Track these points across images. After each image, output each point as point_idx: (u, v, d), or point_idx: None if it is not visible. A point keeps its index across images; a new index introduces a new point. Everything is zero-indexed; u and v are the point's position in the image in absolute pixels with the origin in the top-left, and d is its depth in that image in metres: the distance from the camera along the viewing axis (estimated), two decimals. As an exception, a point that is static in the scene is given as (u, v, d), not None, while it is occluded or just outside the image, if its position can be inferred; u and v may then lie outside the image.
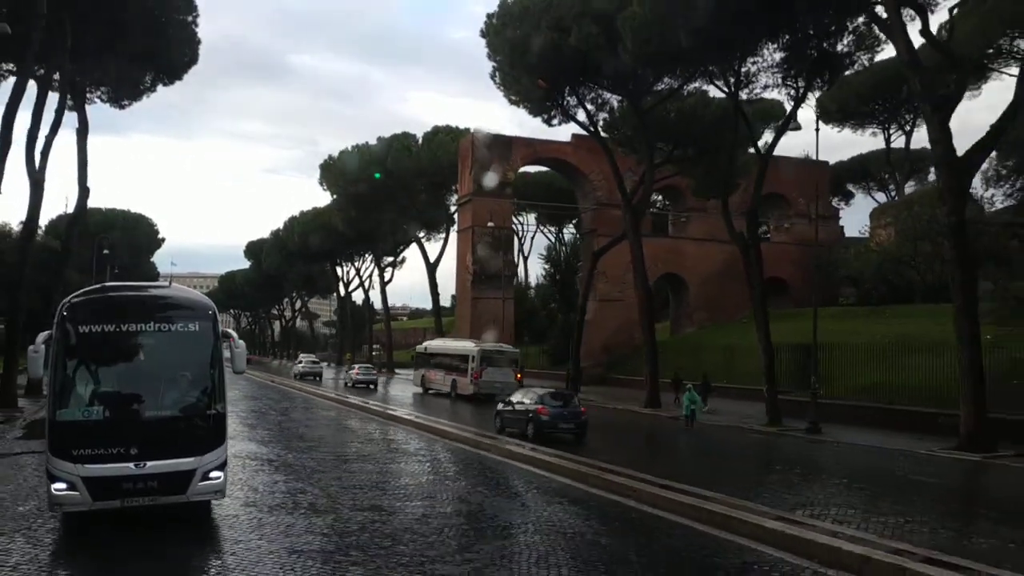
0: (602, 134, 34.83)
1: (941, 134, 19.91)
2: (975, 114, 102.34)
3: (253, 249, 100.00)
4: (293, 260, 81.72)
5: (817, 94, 31.42)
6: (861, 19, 25.51)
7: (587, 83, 32.15)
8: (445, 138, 51.79)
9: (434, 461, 17.61)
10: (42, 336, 9.97)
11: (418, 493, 13.12)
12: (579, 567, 8.88)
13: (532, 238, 72.13)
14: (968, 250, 20.41)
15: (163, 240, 77.49)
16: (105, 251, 55.97)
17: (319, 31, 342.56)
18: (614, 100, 34.34)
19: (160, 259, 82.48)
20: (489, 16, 31.17)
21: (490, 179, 47.13)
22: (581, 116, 33.70)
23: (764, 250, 59.22)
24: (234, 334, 11.24)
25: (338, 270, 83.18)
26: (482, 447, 19.19)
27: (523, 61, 29.48)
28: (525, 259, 73.92)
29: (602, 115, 34.99)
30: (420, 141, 53.48)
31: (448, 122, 71.15)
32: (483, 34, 31.78)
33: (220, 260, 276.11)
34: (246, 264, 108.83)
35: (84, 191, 32.26)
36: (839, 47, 27.16)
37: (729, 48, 25.87)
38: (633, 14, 25.42)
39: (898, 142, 65.74)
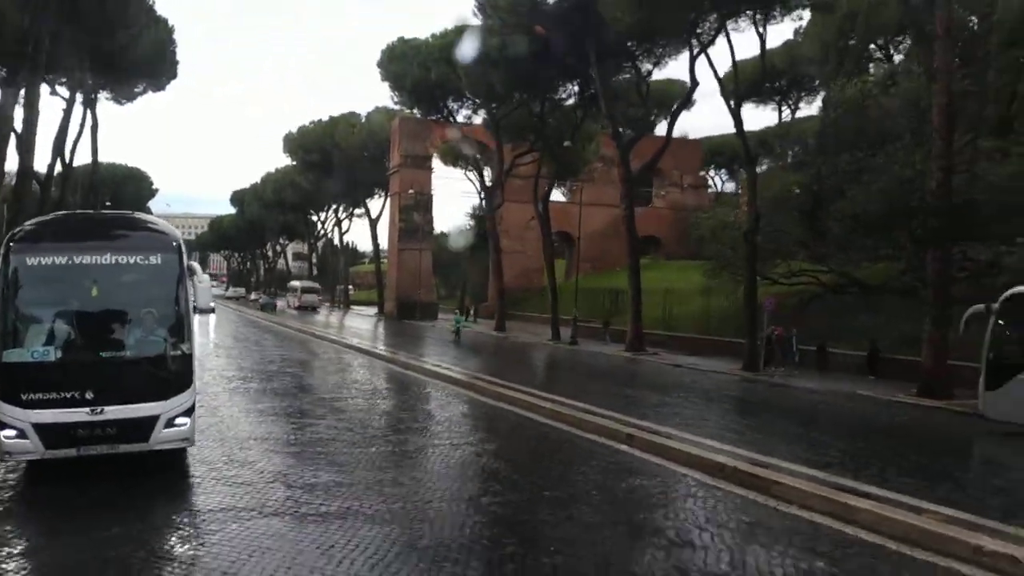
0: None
1: (624, 161, 32.95)
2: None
3: (237, 197, 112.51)
4: (270, 210, 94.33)
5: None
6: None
7: (456, 99, 44.90)
8: (381, 118, 64.17)
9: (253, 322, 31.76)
10: None
11: (248, 336, 26.81)
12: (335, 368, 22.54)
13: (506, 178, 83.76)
14: (633, 228, 33.57)
15: (156, 191, 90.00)
16: (107, 203, 68.87)
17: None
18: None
19: (155, 204, 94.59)
20: (382, 52, 43.92)
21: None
22: (453, 120, 46.65)
23: (644, 213, 73.15)
24: (198, 267, 10.71)
25: (313, 218, 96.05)
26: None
27: (402, 87, 42.43)
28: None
29: (477, 118, 47.85)
30: (363, 120, 66.22)
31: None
32: (378, 65, 44.52)
33: (215, 203, 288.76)
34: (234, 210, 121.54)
35: (96, 167, 45.48)
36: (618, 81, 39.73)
37: (530, 88, 38.40)
38: (465, 65, 38.04)
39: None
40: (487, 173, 54.63)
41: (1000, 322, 16.16)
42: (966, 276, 24.90)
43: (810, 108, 75.37)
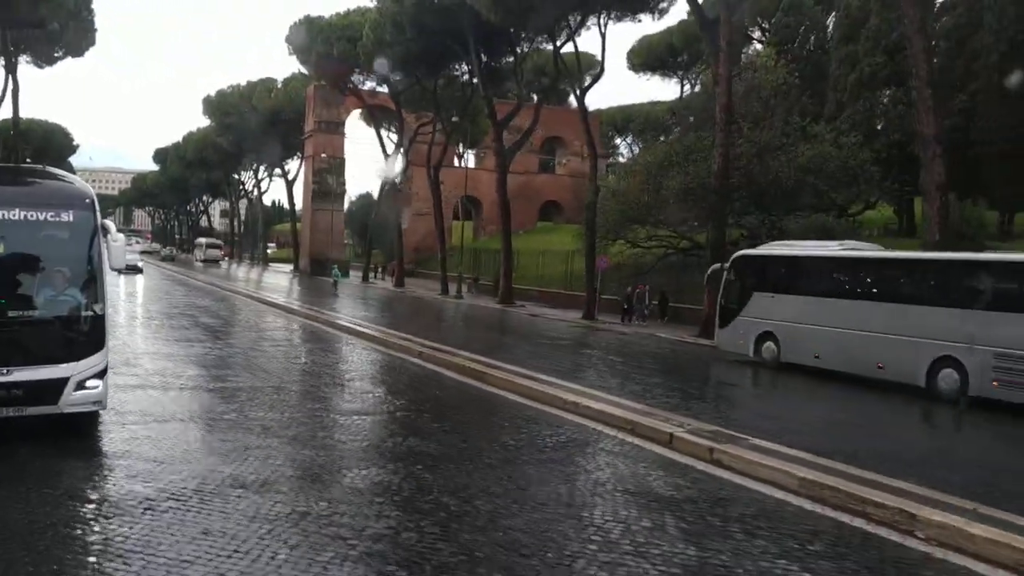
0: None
1: (499, 140, 37.79)
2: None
3: (160, 155, 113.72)
4: (193, 168, 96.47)
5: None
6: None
7: (360, 73, 48.92)
8: (297, 84, 67.53)
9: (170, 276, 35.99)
10: None
11: (161, 287, 31.12)
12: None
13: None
14: (505, 195, 38.50)
15: (78, 146, 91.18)
16: (28, 159, 70.68)
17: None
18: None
19: (78, 159, 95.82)
20: (290, 28, 47.78)
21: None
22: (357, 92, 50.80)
23: (547, 179, 77.93)
24: (112, 226, 10.19)
25: (236, 177, 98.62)
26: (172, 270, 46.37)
27: (307, 61, 46.40)
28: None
29: (382, 89, 51.96)
30: (280, 85, 69.44)
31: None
32: (286, 40, 48.25)
33: (139, 160, 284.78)
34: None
35: (17, 126, 48.40)
36: (503, 63, 44.30)
37: (421, 67, 42.65)
38: (363, 44, 42.06)
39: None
40: (395, 139, 58.75)
41: (729, 277, 21.58)
42: (772, 240, 30.64)
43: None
